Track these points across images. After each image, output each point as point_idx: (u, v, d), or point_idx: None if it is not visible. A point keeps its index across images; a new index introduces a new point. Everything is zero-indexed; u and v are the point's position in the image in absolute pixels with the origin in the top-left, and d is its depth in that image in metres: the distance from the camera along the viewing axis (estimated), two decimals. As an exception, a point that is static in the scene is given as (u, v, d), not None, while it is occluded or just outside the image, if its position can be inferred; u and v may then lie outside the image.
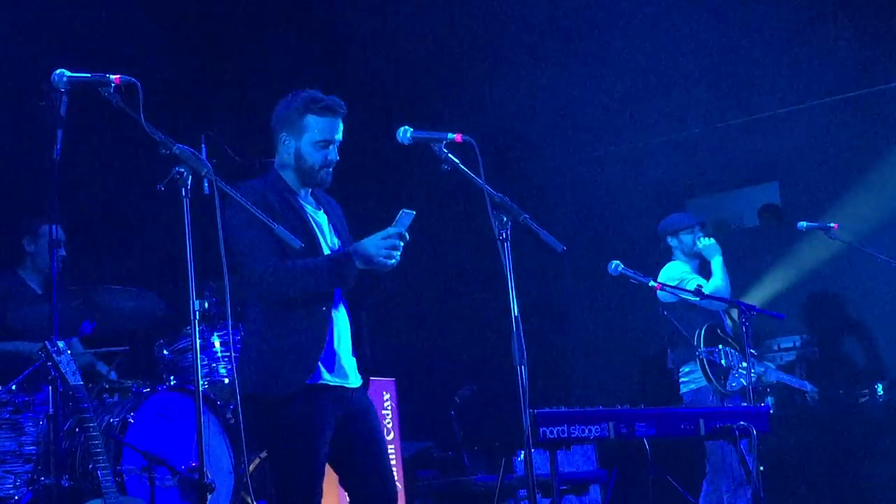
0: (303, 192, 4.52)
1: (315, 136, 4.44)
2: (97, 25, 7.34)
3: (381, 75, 8.82)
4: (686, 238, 7.49)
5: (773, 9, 8.90)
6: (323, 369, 4.35)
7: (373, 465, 4.44)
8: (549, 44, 9.21)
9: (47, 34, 7.03)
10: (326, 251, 4.44)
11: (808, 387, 7.66)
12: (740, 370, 6.98)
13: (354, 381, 4.47)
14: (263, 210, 4.09)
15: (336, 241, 4.52)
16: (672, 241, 7.53)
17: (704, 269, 7.53)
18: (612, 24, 9.13)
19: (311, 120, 4.43)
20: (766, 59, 9.06)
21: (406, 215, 4.28)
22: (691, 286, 7.18)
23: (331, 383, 4.36)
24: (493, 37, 9.20)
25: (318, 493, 4.31)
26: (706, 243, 7.44)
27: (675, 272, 7.39)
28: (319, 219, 4.53)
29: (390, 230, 4.26)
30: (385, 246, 4.23)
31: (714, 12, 8.97)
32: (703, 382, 7.11)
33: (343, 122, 4.50)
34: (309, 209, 4.50)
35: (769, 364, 7.50)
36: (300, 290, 4.28)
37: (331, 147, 4.47)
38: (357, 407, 4.45)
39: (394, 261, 4.27)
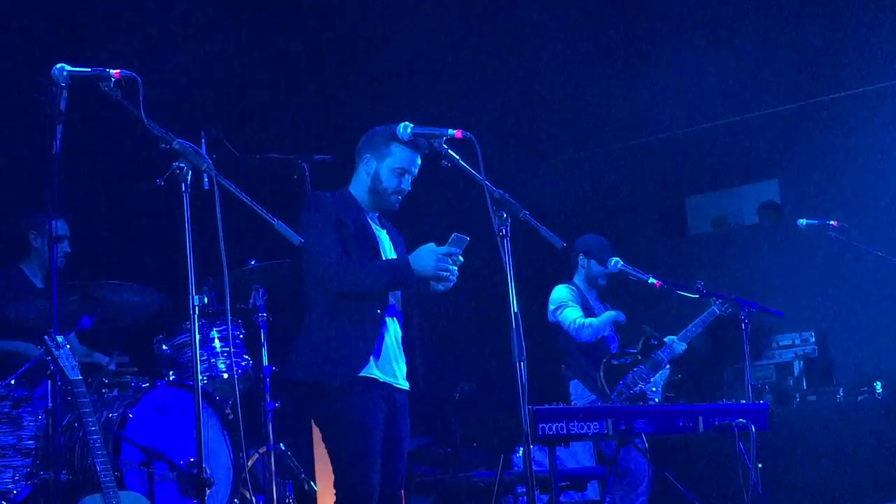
0: (371, 212, 4.81)
1: (396, 163, 4.71)
2: (98, 20, 7.34)
3: (382, 71, 8.82)
4: (595, 267, 7.41)
5: (773, 7, 8.90)
6: (376, 364, 4.61)
7: (393, 466, 4.67)
8: (550, 41, 9.21)
9: (47, 28, 7.03)
10: None
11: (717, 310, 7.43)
12: (650, 381, 7.03)
13: (402, 383, 4.75)
14: (334, 222, 4.57)
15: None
16: (582, 261, 7.45)
17: (606, 296, 7.52)
18: (612, 22, 9.12)
19: (396, 148, 4.71)
20: (766, 56, 9.05)
21: (459, 239, 4.52)
22: (569, 316, 7.16)
23: (380, 379, 4.62)
24: (493, 33, 9.19)
25: (374, 479, 4.51)
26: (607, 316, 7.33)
27: (558, 296, 7.34)
28: (382, 237, 4.82)
29: (446, 248, 4.51)
30: (440, 260, 4.50)
31: (712, 10, 8.97)
32: (592, 395, 7.12)
33: (421, 159, 4.76)
34: (375, 227, 4.81)
35: (673, 343, 7.32)
36: (361, 286, 4.56)
37: (406, 176, 4.75)
38: (399, 407, 4.73)
39: (450, 282, 4.58)
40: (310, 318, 4.70)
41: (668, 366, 7.17)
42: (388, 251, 4.80)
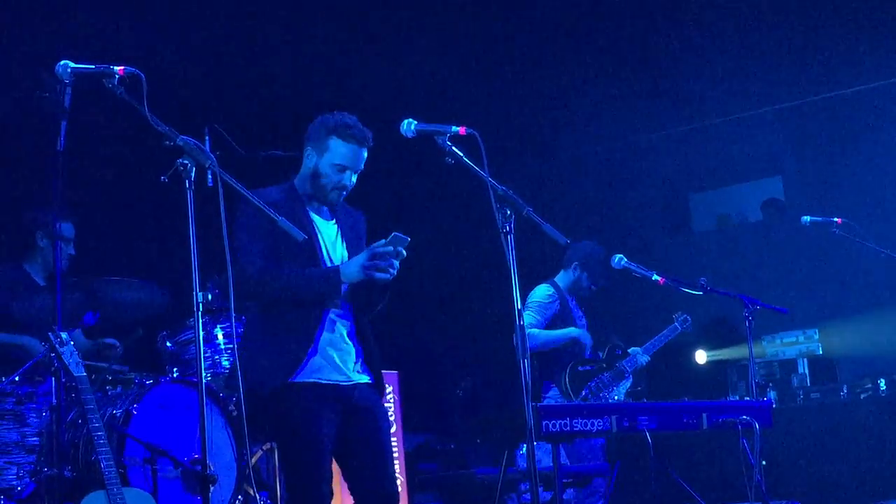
0: (315, 203, 4.64)
1: (334, 159, 4.58)
2: (102, 16, 7.34)
3: (384, 67, 8.81)
4: (585, 281, 7.41)
5: (777, 4, 8.89)
6: (315, 367, 4.45)
7: (372, 463, 4.51)
8: (554, 38, 9.20)
9: (51, 25, 7.03)
10: (329, 263, 4.56)
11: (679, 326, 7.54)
12: (613, 390, 7.06)
13: (356, 378, 4.55)
14: (266, 223, 4.20)
15: (345, 253, 4.64)
16: (575, 268, 7.43)
17: (584, 305, 7.53)
18: (616, 19, 9.12)
19: (335, 143, 4.57)
20: (770, 53, 9.05)
21: (398, 239, 4.40)
22: (528, 318, 7.15)
23: (321, 381, 4.45)
24: (497, 30, 9.19)
25: (319, 483, 4.37)
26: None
27: (534, 296, 7.35)
28: (328, 230, 4.65)
29: (376, 250, 4.38)
30: (369, 267, 4.37)
31: (716, 8, 8.96)
32: (562, 399, 7.14)
33: (367, 152, 4.62)
34: (318, 221, 4.63)
35: (636, 355, 7.39)
36: (287, 297, 4.42)
37: (346, 172, 4.59)
38: (360, 405, 4.54)
39: (387, 275, 4.40)
40: (247, 324, 4.63)
41: (630, 376, 7.23)
42: (337, 245, 4.64)
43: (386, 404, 7.08)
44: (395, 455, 6.54)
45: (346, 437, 4.50)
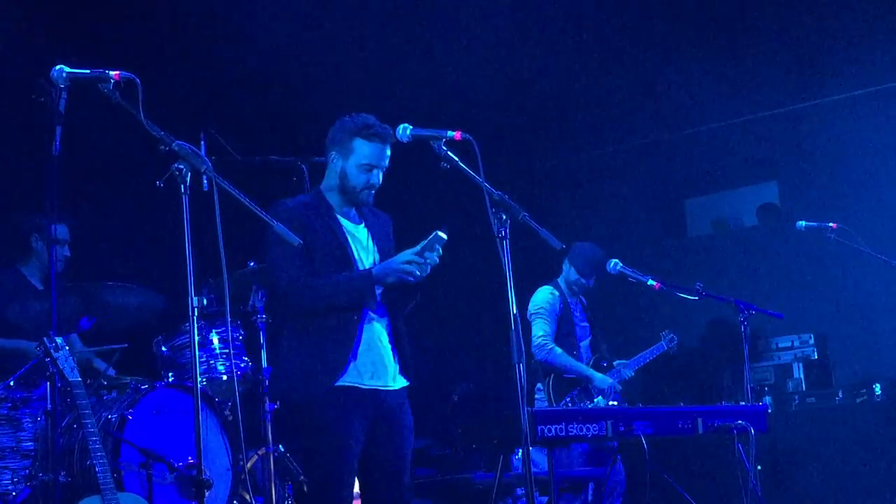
0: (344, 208, 4.72)
1: (361, 160, 4.66)
2: (98, 21, 7.34)
3: (381, 72, 8.81)
4: (573, 275, 7.41)
5: (772, 8, 8.90)
6: (355, 373, 4.52)
7: (391, 473, 4.60)
8: (551, 42, 9.20)
9: (47, 30, 7.02)
10: (362, 266, 4.63)
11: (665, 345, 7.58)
12: (594, 401, 7.08)
13: (393, 383, 4.65)
14: (298, 226, 4.41)
15: (376, 255, 4.72)
16: (565, 264, 7.45)
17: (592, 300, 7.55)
18: (611, 23, 9.12)
19: (360, 144, 4.65)
20: (765, 57, 9.05)
21: (438, 238, 4.49)
22: (537, 329, 7.16)
23: (362, 387, 4.53)
24: (493, 34, 9.19)
25: (341, 490, 4.46)
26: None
27: (538, 299, 7.35)
28: (359, 234, 4.72)
29: (408, 255, 4.47)
30: (403, 270, 4.46)
31: (711, 12, 8.97)
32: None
33: (390, 149, 4.68)
34: (348, 225, 4.70)
35: (621, 368, 7.44)
36: (324, 304, 4.51)
37: (374, 171, 4.67)
38: (391, 410, 4.62)
39: (416, 277, 4.48)
40: (285, 331, 4.66)
41: (616, 387, 7.26)
42: (365, 249, 4.71)
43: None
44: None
45: (371, 442, 4.57)
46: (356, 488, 4.91)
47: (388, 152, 4.68)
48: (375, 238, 4.76)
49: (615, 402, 6.92)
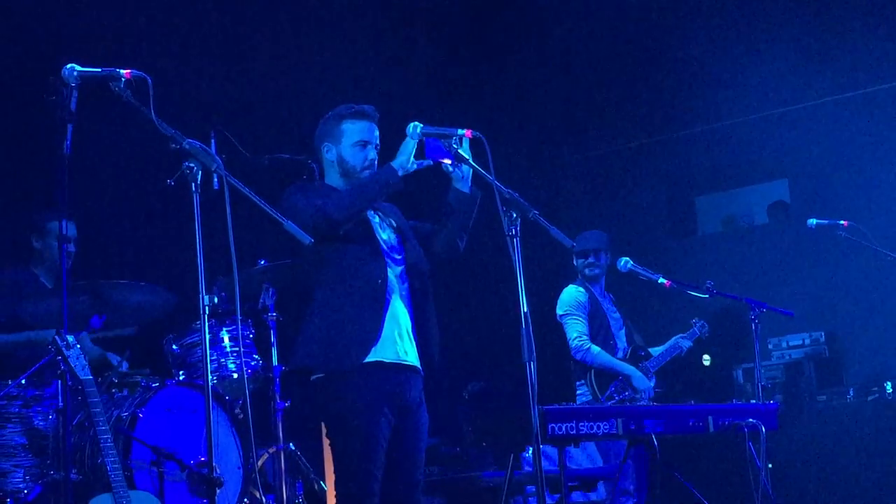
0: None
1: (353, 138, 4.70)
2: (108, 20, 7.35)
3: (388, 72, 8.81)
4: (585, 263, 7.35)
5: (782, 6, 8.89)
6: (380, 348, 4.51)
7: (405, 468, 4.60)
8: (558, 42, 9.20)
9: (57, 29, 7.04)
10: (380, 243, 4.64)
11: (687, 343, 7.53)
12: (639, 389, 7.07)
13: (413, 360, 4.61)
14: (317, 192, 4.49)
15: (392, 235, 4.73)
16: (575, 260, 7.41)
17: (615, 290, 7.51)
18: (621, 22, 9.12)
19: (348, 125, 4.70)
20: (776, 55, 9.04)
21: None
22: (572, 330, 7.14)
23: (386, 360, 4.51)
24: (500, 34, 9.19)
25: (369, 480, 4.44)
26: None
27: (567, 298, 7.30)
28: (371, 217, 4.72)
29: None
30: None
31: (722, 11, 8.96)
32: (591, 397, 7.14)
33: (377, 127, 4.73)
34: None
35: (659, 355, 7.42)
36: (355, 206, 4.48)
37: (368, 147, 4.70)
38: (413, 402, 4.62)
39: (450, 157, 4.48)
40: (311, 307, 4.63)
41: (653, 377, 7.21)
42: (380, 227, 4.72)
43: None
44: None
45: (391, 438, 4.56)
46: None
47: (376, 130, 4.73)
48: (386, 219, 4.77)
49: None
